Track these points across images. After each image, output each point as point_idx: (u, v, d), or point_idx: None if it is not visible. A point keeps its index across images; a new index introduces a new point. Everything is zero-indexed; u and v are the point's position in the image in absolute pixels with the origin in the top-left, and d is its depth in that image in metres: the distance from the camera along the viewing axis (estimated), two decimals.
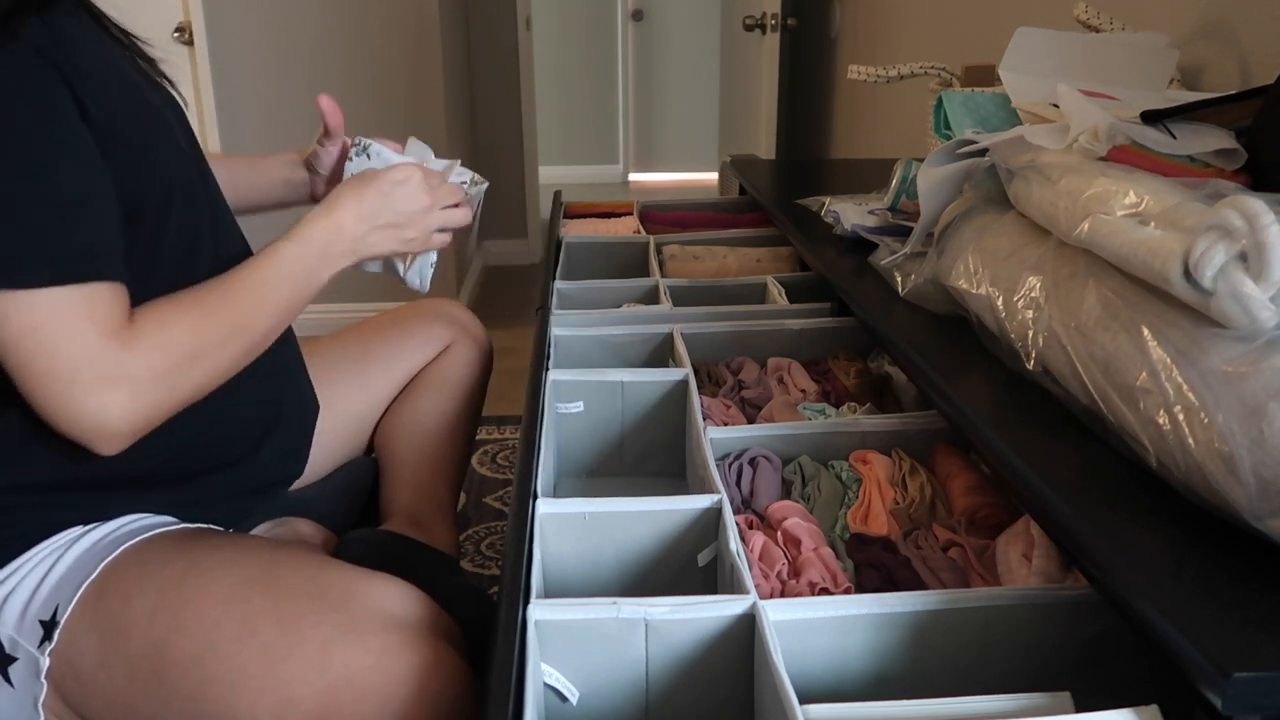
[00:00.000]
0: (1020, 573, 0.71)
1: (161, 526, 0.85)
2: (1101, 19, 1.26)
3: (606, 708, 0.67)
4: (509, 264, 4.20)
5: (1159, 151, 0.79)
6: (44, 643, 0.77)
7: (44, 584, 0.78)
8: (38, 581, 0.79)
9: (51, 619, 0.77)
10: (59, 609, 0.77)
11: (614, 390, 1.02)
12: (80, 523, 0.83)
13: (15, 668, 0.77)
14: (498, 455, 2.32)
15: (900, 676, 0.65)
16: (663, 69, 6.02)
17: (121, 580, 0.78)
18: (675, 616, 0.64)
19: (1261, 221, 0.52)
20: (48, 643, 0.77)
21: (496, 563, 1.86)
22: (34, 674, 0.77)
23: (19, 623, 0.78)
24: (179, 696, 0.75)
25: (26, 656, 0.77)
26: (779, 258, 1.45)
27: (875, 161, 1.89)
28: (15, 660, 0.77)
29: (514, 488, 0.78)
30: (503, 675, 0.55)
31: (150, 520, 0.86)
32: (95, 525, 0.83)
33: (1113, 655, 0.65)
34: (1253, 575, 0.52)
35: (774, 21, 2.88)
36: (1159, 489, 0.60)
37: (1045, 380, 0.74)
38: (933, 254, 0.96)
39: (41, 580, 0.79)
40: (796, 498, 0.86)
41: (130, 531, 0.83)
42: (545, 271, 1.38)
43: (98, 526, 0.83)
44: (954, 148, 0.96)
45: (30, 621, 0.78)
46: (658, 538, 0.78)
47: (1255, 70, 1.12)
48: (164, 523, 0.86)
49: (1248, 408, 0.52)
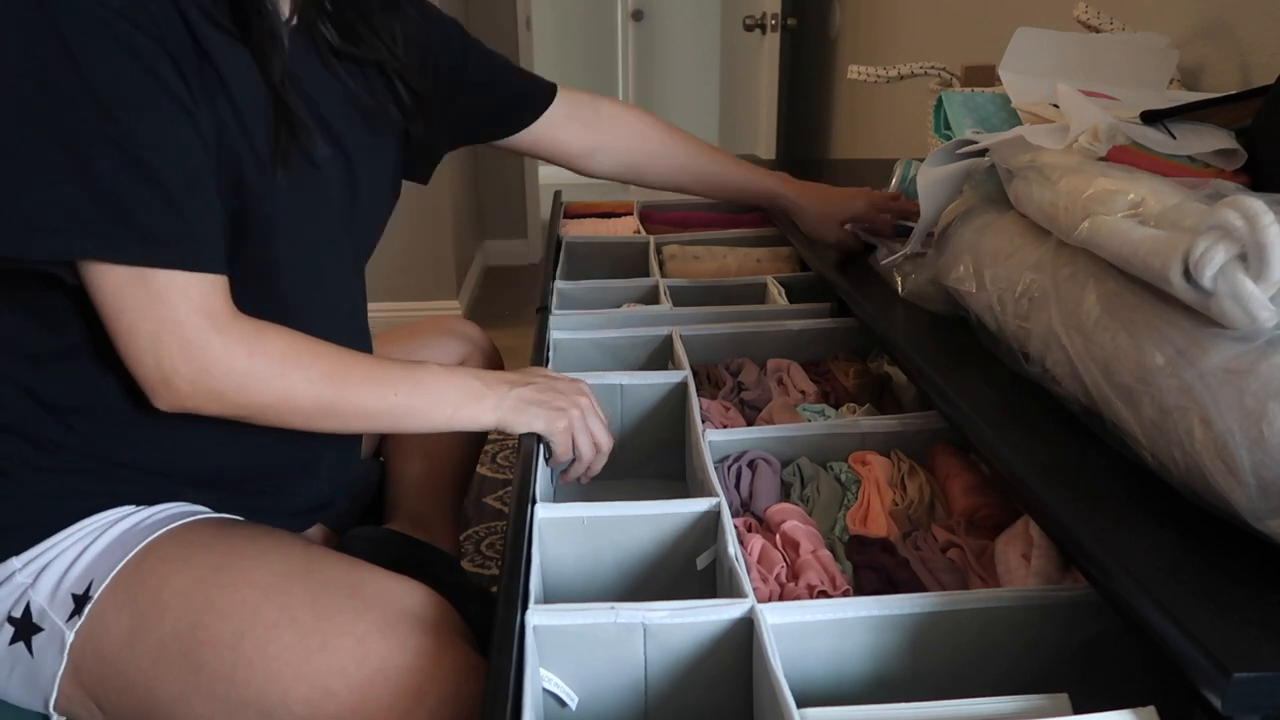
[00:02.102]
0: (1019, 573, 0.70)
1: (202, 513, 0.86)
2: (1101, 19, 1.26)
3: (605, 712, 0.67)
4: (509, 264, 4.20)
5: (1159, 151, 0.79)
6: (73, 617, 0.77)
7: (81, 558, 0.79)
8: (76, 555, 0.79)
9: (85, 593, 0.78)
10: (94, 584, 0.78)
11: (613, 393, 1.02)
12: (130, 504, 0.83)
13: (39, 638, 0.78)
14: (498, 455, 2.32)
15: (899, 678, 0.65)
16: (663, 69, 6.02)
17: (160, 560, 0.79)
18: (674, 621, 0.64)
19: (1261, 221, 0.52)
20: (77, 617, 0.77)
21: (496, 562, 1.86)
22: (57, 648, 0.77)
23: (52, 594, 0.78)
24: (207, 678, 0.75)
25: (52, 629, 0.77)
26: (779, 258, 1.45)
27: (875, 161, 1.89)
28: (41, 631, 0.78)
29: (513, 492, 0.78)
30: (501, 680, 0.55)
31: (191, 507, 0.86)
32: (140, 508, 0.83)
33: (1112, 656, 0.65)
34: (1252, 575, 0.52)
35: (774, 21, 2.88)
36: (1158, 489, 0.60)
37: (1045, 380, 0.74)
38: (933, 254, 0.96)
39: (80, 554, 0.79)
40: (795, 500, 0.86)
41: (171, 515, 0.83)
42: (545, 271, 1.38)
43: (141, 509, 0.83)
44: (954, 148, 0.96)
45: (63, 594, 0.78)
46: (656, 541, 0.78)
47: (1255, 70, 1.11)
48: (205, 510, 0.87)
49: (1248, 408, 0.52)
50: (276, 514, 0.93)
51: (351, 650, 0.74)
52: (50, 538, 0.80)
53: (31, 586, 0.78)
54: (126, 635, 0.77)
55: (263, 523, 0.91)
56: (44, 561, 0.79)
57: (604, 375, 1.02)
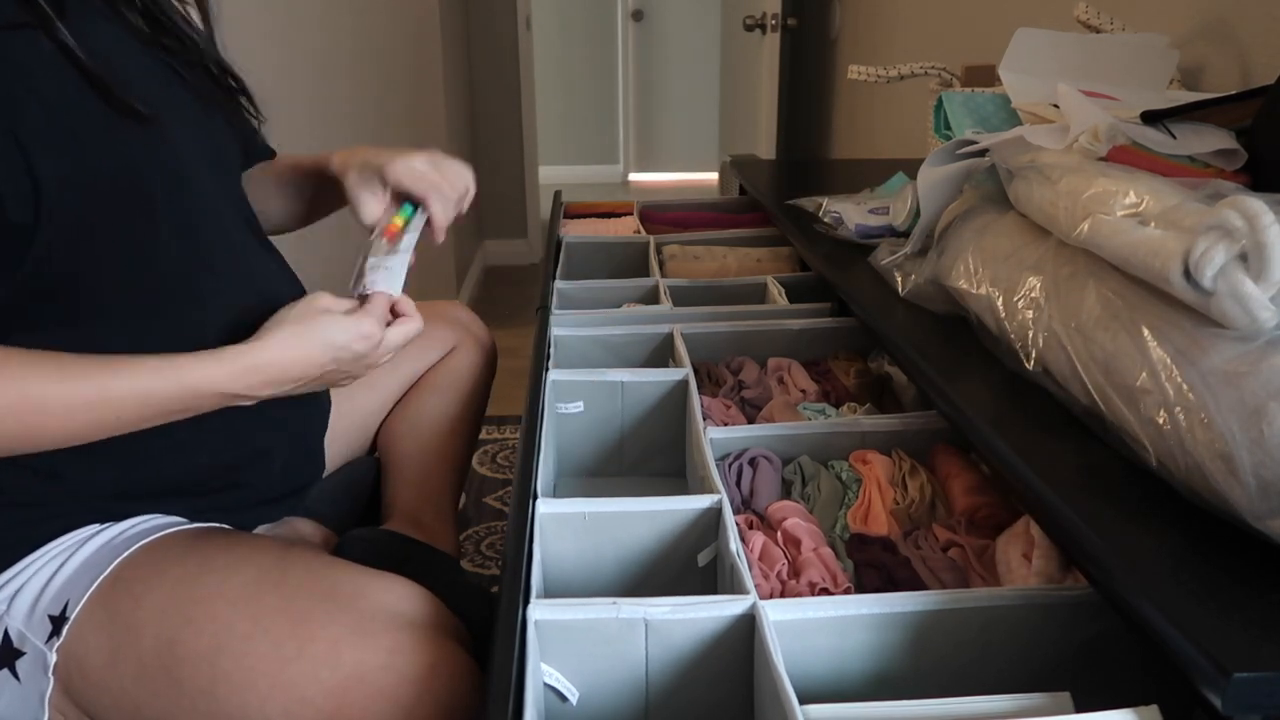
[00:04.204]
0: (1020, 573, 0.71)
1: (174, 526, 0.85)
2: (1101, 19, 1.26)
3: (606, 708, 0.67)
4: (509, 264, 4.20)
5: (1159, 151, 0.79)
6: (52, 638, 0.77)
7: (55, 579, 0.78)
8: (49, 576, 0.79)
9: (61, 614, 0.77)
10: (69, 604, 0.77)
11: (614, 390, 1.02)
12: (96, 521, 0.83)
13: (22, 662, 0.78)
14: (498, 455, 2.32)
15: (900, 676, 0.65)
16: (663, 69, 6.02)
17: (134, 577, 0.78)
18: (675, 616, 0.64)
19: (1261, 221, 0.52)
20: (56, 638, 0.77)
21: (496, 562, 1.86)
22: (41, 669, 0.77)
23: (28, 617, 0.78)
24: (189, 694, 0.75)
25: (34, 651, 0.77)
26: (779, 258, 1.45)
27: (875, 162, 1.89)
28: (23, 655, 0.77)
29: (514, 488, 0.78)
30: (502, 675, 0.55)
31: (163, 520, 0.86)
32: (109, 524, 0.83)
33: (1112, 655, 0.65)
34: (1253, 575, 0.52)
35: (774, 21, 2.88)
36: (1159, 489, 0.60)
37: (1045, 380, 0.74)
38: (933, 254, 0.96)
39: (53, 575, 0.79)
40: (796, 498, 0.86)
41: (143, 531, 0.83)
42: (545, 271, 1.38)
43: (111, 525, 0.83)
44: (954, 148, 0.96)
45: (39, 616, 0.78)
46: (658, 538, 0.78)
47: (1255, 70, 1.12)
48: (176, 522, 0.86)
49: (1248, 408, 0.52)
50: (241, 510, 0.92)
51: (325, 656, 0.73)
52: (19, 561, 0.79)
53: (6, 612, 0.78)
54: (108, 654, 0.76)
55: (232, 517, 0.90)
56: (16, 586, 0.78)
57: (605, 372, 1.02)
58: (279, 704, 0.73)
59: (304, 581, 0.79)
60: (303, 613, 0.76)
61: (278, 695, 0.73)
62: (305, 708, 0.73)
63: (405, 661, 0.74)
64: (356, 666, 0.73)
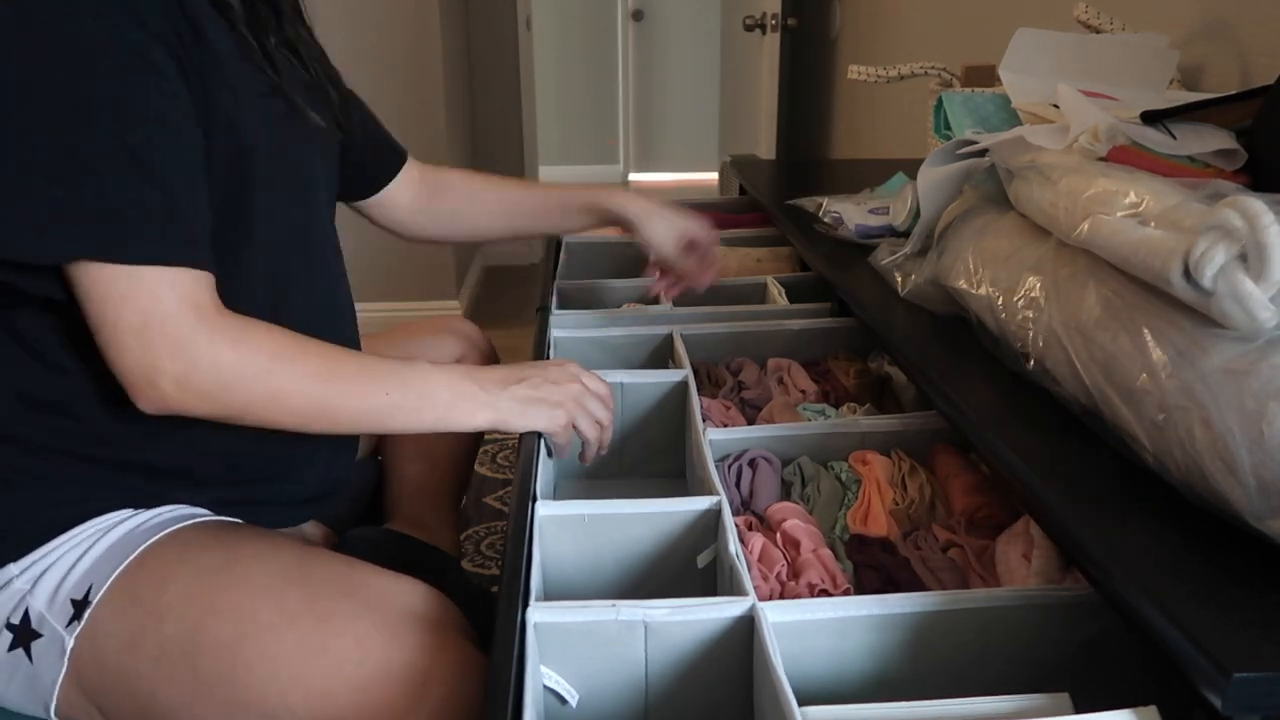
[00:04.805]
0: (1020, 573, 0.70)
1: (200, 517, 0.86)
2: (1101, 19, 1.26)
3: (606, 710, 0.67)
4: (509, 264, 4.20)
5: (1159, 152, 0.79)
6: (72, 622, 0.77)
7: (80, 563, 0.79)
8: (74, 560, 0.79)
9: (84, 598, 0.77)
10: (93, 589, 0.77)
11: (613, 391, 1.02)
12: (127, 506, 0.83)
13: (38, 644, 0.78)
14: (498, 455, 2.32)
15: (899, 677, 0.65)
16: (663, 69, 6.02)
17: (159, 564, 0.79)
18: (674, 618, 0.64)
19: (1261, 222, 0.52)
20: (76, 623, 0.77)
21: (496, 562, 1.86)
22: (57, 654, 0.77)
23: (50, 600, 0.78)
24: (207, 682, 0.75)
25: (51, 634, 0.77)
26: (779, 258, 1.45)
27: (875, 162, 1.89)
28: (40, 637, 0.78)
29: (513, 489, 0.78)
30: (502, 677, 0.55)
31: (189, 510, 0.86)
32: (138, 511, 0.83)
33: (1112, 656, 0.65)
34: (1252, 575, 0.52)
35: (774, 21, 2.88)
36: (1159, 489, 0.60)
37: (1045, 380, 0.74)
38: (933, 254, 0.96)
39: (79, 559, 0.79)
40: (796, 499, 0.86)
41: (170, 519, 0.83)
42: (545, 271, 1.38)
43: (139, 512, 0.83)
44: (954, 148, 0.96)
45: (62, 600, 0.78)
46: (657, 539, 0.78)
47: (1255, 70, 1.12)
48: (202, 514, 0.87)
49: (1248, 408, 0.52)
50: (271, 506, 0.93)
51: (350, 651, 0.74)
52: (48, 543, 0.79)
53: (30, 593, 0.78)
54: (127, 639, 0.76)
55: (258, 517, 0.91)
56: (42, 567, 0.79)
57: (604, 373, 1.01)
58: (300, 695, 0.73)
59: (328, 578, 0.80)
60: (329, 608, 0.77)
61: (300, 687, 0.73)
62: (326, 701, 0.73)
63: (431, 660, 0.75)
64: (383, 663, 0.74)
